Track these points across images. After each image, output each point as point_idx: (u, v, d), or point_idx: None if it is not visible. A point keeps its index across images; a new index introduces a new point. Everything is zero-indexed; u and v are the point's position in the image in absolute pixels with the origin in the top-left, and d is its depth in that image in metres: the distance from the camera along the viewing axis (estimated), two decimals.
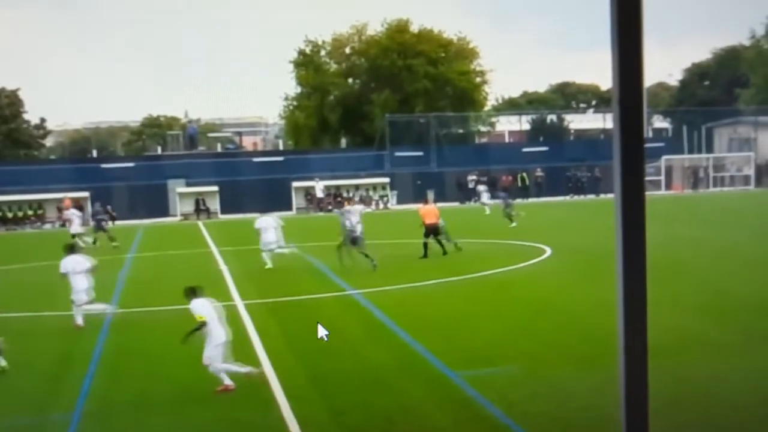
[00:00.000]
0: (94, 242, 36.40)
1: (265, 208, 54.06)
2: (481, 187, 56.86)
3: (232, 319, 17.48)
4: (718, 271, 22.08)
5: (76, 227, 37.14)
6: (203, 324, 12.03)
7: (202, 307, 12.28)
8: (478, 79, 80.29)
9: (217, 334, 12.08)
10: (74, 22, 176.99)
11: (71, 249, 18.77)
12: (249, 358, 13.57)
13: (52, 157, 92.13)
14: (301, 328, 16.70)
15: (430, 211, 27.92)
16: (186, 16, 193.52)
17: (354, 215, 24.99)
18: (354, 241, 24.65)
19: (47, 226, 58.60)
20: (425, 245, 26.92)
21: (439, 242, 27.25)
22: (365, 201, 62.53)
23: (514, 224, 37.27)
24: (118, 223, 56.08)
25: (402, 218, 51.82)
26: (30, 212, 59.38)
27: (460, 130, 78.89)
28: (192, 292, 12.59)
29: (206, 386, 12.03)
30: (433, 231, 27.25)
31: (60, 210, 54.15)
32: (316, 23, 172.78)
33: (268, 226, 26.29)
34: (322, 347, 14.60)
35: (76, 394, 11.79)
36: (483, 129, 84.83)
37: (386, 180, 64.42)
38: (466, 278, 22.34)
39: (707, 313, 16.30)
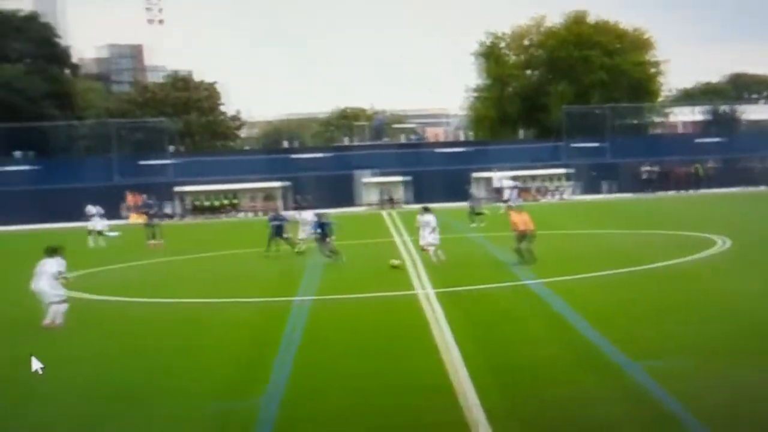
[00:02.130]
0: (153, 237, 36.88)
1: (447, 198, 56.47)
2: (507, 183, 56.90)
3: (416, 307, 18.18)
4: None
5: (101, 224, 38.63)
6: None
7: None
8: (652, 70, 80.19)
9: None
10: (269, 20, 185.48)
11: (53, 252, 18.22)
12: (435, 346, 14.14)
13: (247, 147, 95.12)
14: (485, 316, 17.38)
15: (524, 217, 25.96)
16: (374, 14, 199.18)
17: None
18: (278, 232, 30.73)
19: (240, 215, 61.16)
20: (519, 251, 25.22)
21: (528, 250, 25.35)
22: (541, 192, 64.27)
23: (474, 224, 40.16)
24: None
25: (579, 209, 52.33)
26: (225, 202, 61.94)
27: (635, 121, 78.71)
28: None
29: (386, 377, 12.49)
30: (525, 237, 25.39)
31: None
32: (497, 16, 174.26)
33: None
34: (504, 336, 15.14)
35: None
36: (657, 120, 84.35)
37: (563, 171, 64.89)
38: (640, 269, 22.68)
39: None
